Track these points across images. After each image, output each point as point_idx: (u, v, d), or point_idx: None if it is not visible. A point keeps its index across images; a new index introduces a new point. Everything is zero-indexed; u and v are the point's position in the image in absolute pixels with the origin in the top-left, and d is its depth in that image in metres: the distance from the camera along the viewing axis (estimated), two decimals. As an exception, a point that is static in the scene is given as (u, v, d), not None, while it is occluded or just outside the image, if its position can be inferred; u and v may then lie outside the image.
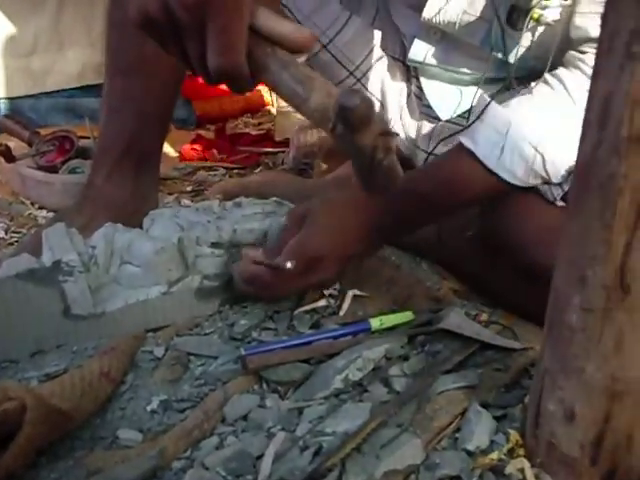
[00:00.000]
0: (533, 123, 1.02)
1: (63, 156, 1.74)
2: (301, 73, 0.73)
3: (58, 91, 2.55)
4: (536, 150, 1.01)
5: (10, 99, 2.48)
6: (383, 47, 1.35)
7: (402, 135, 1.39)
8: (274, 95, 2.81)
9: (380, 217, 1.02)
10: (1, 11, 2.44)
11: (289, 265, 0.96)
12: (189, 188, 1.81)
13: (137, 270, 1.01)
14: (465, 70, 1.24)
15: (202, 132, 2.41)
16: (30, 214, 1.61)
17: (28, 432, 0.71)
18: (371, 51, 1.34)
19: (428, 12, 1.17)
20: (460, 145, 1.03)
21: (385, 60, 1.36)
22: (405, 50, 1.32)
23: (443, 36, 1.22)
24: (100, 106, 1.28)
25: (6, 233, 1.49)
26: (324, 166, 1.65)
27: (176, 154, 2.16)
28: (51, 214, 1.60)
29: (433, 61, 1.25)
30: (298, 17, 1.30)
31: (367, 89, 1.36)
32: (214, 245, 1.03)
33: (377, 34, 1.34)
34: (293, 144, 1.82)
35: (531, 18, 1.08)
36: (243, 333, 0.97)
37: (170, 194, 1.73)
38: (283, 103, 2.27)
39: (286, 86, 0.73)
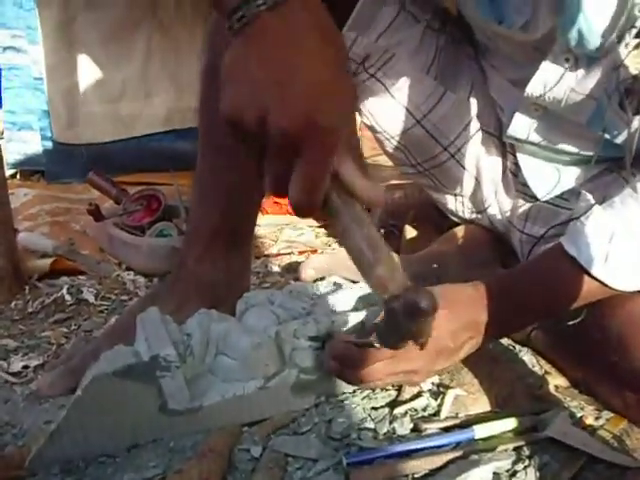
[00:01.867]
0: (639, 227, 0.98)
1: (150, 216, 1.75)
2: (372, 238, 0.73)
3: (146, 136, 2.64)
4: None
5: (98, 144, 2.56)
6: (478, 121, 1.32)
7: (497, 212, 1.36)
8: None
9: (476, 315, 0.99)
10: (92, 60, 2.56)
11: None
12: (275, 250, 1.81)
13: (233, 363, 1.00)
14: (567, 148, 1.19)
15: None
16: (118, 276, 1.62)
17: None
18: (466, 126, 1.30)
19: (532, 88, 1.12)
20: (561, 248, 0.99)
21: (480, 135, 1.32)
22: (501, 125, 1.29)
23: (545, 113, 1.17)
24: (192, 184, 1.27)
25: (96, 299, 1.49)
26: (413, 232, 1.60)
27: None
28: (138, 277, 1.61)
29: (534, 138, 1.21)
30: (391, 90, 1.27)
31: (461, 164, 1.33)
32: (311, 338, 1.01)
33: (473, 108, 1.31)
34: (380, 203, 1.78)
35: None
36: (342, 433, 0.95)
37: (257, 257, 1.72)
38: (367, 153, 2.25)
39: (355, 244, 0.73)
